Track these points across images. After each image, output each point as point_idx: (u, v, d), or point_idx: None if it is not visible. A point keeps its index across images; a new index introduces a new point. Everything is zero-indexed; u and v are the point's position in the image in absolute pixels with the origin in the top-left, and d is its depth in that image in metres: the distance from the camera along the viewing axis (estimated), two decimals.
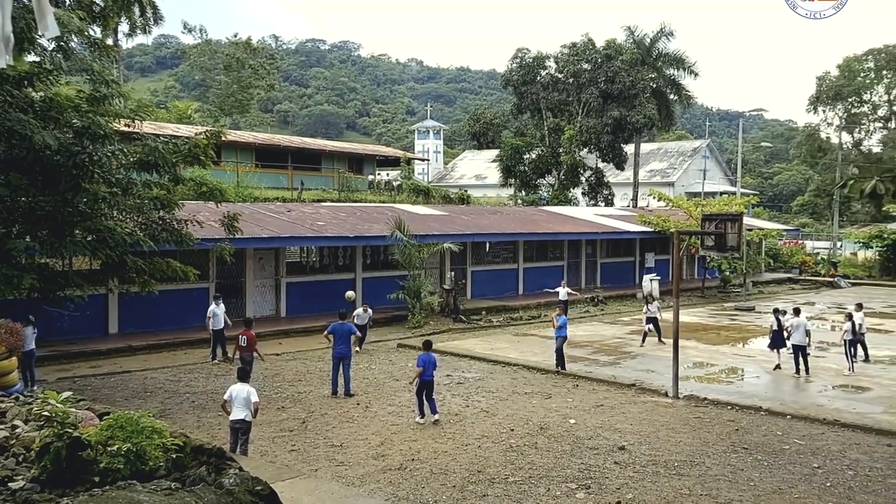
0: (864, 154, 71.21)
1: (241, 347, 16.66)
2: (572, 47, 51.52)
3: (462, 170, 78.22)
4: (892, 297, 36.88)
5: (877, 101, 73.53)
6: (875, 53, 71.95)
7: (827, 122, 74.02)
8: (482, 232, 30.62)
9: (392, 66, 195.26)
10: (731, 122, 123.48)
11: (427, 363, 14.22)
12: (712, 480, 11.18)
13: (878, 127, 74.92)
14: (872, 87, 72.92)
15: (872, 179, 10.21)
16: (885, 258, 45.92)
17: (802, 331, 18.19)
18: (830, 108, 72.23)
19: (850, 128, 71.76)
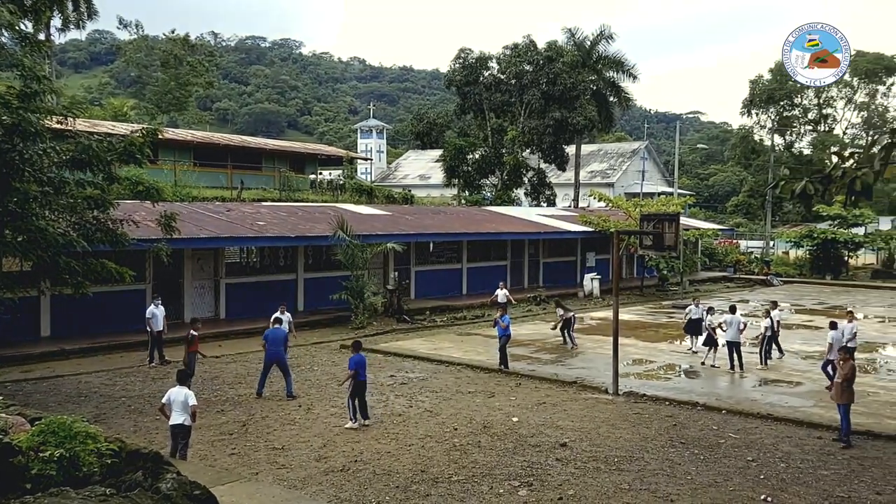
0: (795, 156, 73.64)
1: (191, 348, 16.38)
2: (514, 49, 51.92)
3: (405, 169, 78.13)
4: (822, 295, 38.21)
5: (807, 105, 76.17)
6: None
7: (760, 125, 76.42)
8: (426, 232, 30.63)
9: (334, 65, 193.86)
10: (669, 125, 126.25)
11: (360, 364, 14.00)
12: (651, 475, 11.40)
13: (809, 130, 77.62)
14: (803, 91, 75.42)
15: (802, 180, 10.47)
16: (815, 257, 47.52)
17: (736, 328, 18.72)
18: (763, 112, 74.54)
19: (782, 130, 74.10)
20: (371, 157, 76.81)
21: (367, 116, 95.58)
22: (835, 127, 77.52)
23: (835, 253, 46.86)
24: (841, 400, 13.14)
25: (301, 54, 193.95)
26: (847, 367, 13.22)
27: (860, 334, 23.18)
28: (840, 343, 16.67)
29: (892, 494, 10.74)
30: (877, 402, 15.79)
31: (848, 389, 13.14)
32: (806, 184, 9.45)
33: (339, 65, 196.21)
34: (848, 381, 13.13)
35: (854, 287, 42.62)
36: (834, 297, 36.63)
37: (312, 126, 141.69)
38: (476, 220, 35.87)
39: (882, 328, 27.18)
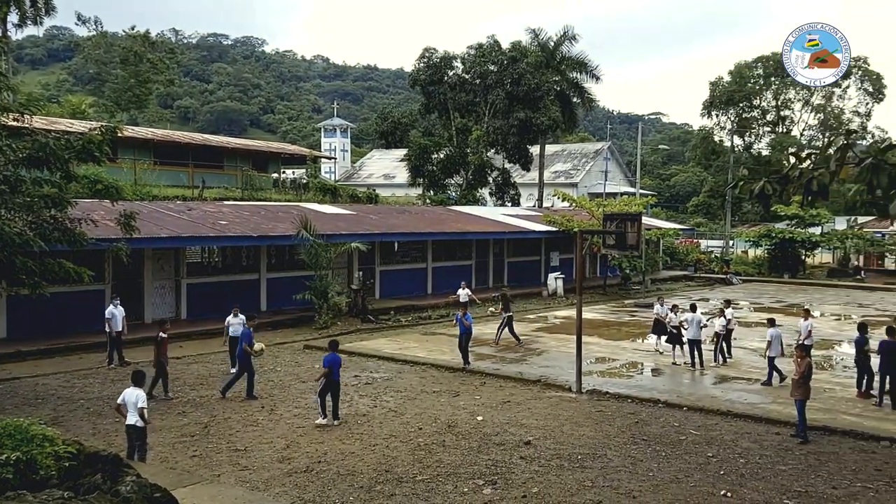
0: (754, 157, 74.97)
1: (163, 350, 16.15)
2: (479, 48, 52.05)
3: (370, 169, 77.87)
4: (780, 293, 38.95)
5: (765, 107, 77.60)
6: (764, 61, 75.88)
7: (720, 126, 77.63)
8: (391, 231, 30.56)
9: (297, 63, 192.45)
10: (631, 125, 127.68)
11: (334, 363, 14.06)
12: (614, 472, 11.52)
13: (767, 131, 79.06)
14: (762, 92, 76.89)
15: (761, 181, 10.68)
16: (773, 256, 48.43)
17: (697, 326, 19.00)
18: (723, 113, 75.73)
19: (741, 131, 75.38)
20: (335, 156, 76.42)
21: (330, 115, 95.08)
22: (792, 128, 79.06)
23: (792, 252, 47.81)
24: (797, 395, 13.42)
25: (264, 52, 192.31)
26: (804, 364, 13.50)
27: (817, 332, 23.71)
28: (778, 340, 17.33)
29: (847, 488, 10.99)
30: (833, 399, 16.13)
31: (804, 386, 13.42)
32: (764, 184, 9.60)
33: (303, 63, 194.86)
34: (805, 377, 13.42)
35: (811, 285, 43.51)
36: (791, 296, 37.36)
37: (275, 125, 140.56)
38: (441, 219, 35.90)
39: (838, 326, 27.78)
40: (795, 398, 13.50)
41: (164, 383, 16.12)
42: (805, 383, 13.42)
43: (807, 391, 13.47)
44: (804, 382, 13.40)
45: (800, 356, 13.73)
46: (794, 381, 13.56)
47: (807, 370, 13.46)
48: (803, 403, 13.41)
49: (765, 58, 75.95)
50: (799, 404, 13.41)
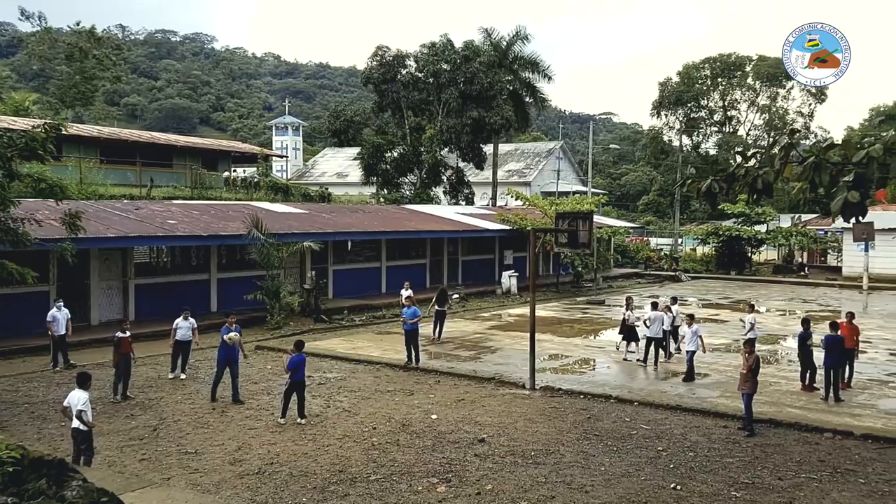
0: (702, 156, 76.46)
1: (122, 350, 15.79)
2: (431, 47, 52.03)
3: (323, 167, 77.29)
4: (727, 289, 39.80)
5: (713, 107, 79.19)
6: (711, 62, 77.45)
7: (669, 126, 79.00)
8: (344, 230, 30.37)
9: (248, 60, 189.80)
10: (583, 125, 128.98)
11: (297, 364, 14.01)
12: (566, 467, 11.64)
13: (714, 131, 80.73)
14: (709, 93, 78.43)
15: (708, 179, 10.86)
16: (721, 253, 49.48)
17: (659, 324, 19.21)
18: (672, 113, 77.08)
19: (689, 131, 76.81)
20: (287, 154, 75.68)
21: (282, 113, 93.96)
22: (739, 128, 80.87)
23: (739, 249, 48.90)
24: (745, 389, 13.72)
25: (213, 49, 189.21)
26: (752, 358, 13.80)
27: (763, 327, 24.28)
28: (695, 336, 17.60)
29: (792, 479, 11.28)
30: (778, 392, 16.54)
31: (752, 380, 13.73)
32: (711, 182, 9.80)
33: (253, 60, 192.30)
34: (752, 371, 13.72)
35: (757, 282, 44.58)
36: (738, 292, 38.20)
37: (226, 122, 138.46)
38: (395, 218, 35.82)
39: (783, 321, 28.49)
40: (743, 392, 13.80)
41: (125, 384, 15.80)
42: (753, 377, 13.72)
43: (754, 385, 13.79)
44: (752, 377, 13.71)
45: (747, 351, 14.04)
46: (742, 376, 13.86)
47: (754, 364, 13.77)
48: (750, 397, 13.72)
49: (712, 59, 77.51)
50: (746, 398, 13.72)
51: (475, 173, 58.54)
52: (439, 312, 23.17)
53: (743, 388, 13.79)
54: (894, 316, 29.81)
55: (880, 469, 11.76)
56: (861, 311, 29.94)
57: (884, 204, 36.39)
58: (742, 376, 13.87)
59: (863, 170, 8.52)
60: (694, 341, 17.56)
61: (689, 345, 17.61)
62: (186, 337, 17.79)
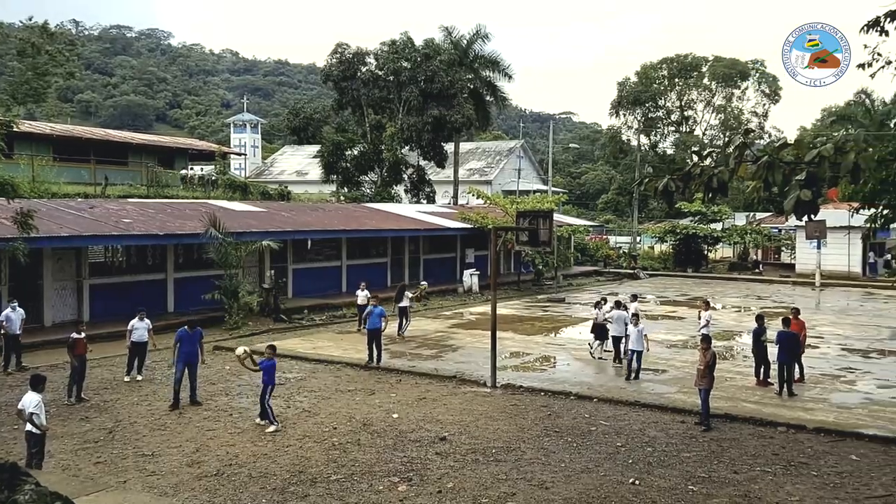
0: (659, 155, 77.48)
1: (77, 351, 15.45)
2: (392, 45, 51.89)
3: (282, 165, 76.61)
4: (684, 287, 40.40)
5: (670, 107, 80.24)
6: (668, 62, 78.49)
7: (627, 126, 79.79)
8: (303, 229, 30.13)
9: (205, 57, 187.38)
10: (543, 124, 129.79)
11: (271, 367, 13.97)
12: (527, 464, 11.70)
13: (672, 130, 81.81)
14: (666, 93, 79.46)
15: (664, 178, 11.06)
16: (678, 251, 50.22)
17: (622, 323, 19.35)
18: (630, 113, 77.85)
19: (647, 131, 77.75)
20: (245, 152, 74.88)
21: (240, 110, 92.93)
22: (695, 128, 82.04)
23: (695, 247, 49.69)
24: (702, 385, 13.92)
25: (170, 45, 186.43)
26: (709, 354, 14.00)
27: (719, 324, 24.69)
28: (640, 336, 17.50)
29: (748, 473, 11.48)
30: (734, 387, 16.82)
31: (708, 375, 13.94)
32: (667, 181, 9.89)
33: (211, 57, 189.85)
34: (709, 367, 13.93)
35: (713, 279, 45.32)
36: (695, 289, 38.78)
37: (183, 120, 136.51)
38: (355, 216, 35.65)
39: (738, 317, 29.01)
40: (700, 387, 14.01)
41: (80, 386, 15.48)
42: (710, 373, 13.94)
43: (711, 381, 14.00)
44: (709, 372, 13.91)
45: (703, 347, 14.24)
46: (699, 372, 14.06)
47: (711, 360, 13.97)
48: (707, 393, 13.94)
49: (669, 59, 78.55)
50: (703, 393, 13.93)
51: (436, 172, 58.56)
52: (401, 309, 23.44)
53: (700, 384, 14.00)
54: (846, 312, 30.55)
55: (832, 462, 12.04)
56: (814, 308, 30.66)
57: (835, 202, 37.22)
58: (699, 372, 14.08)
59: (815, 169, 8.67)
60: (639, 341, 17.52)
61: (635, 344, 17.53)
62: (142, 338, 17.48)
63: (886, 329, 25.83)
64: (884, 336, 24.47)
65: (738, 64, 77.17)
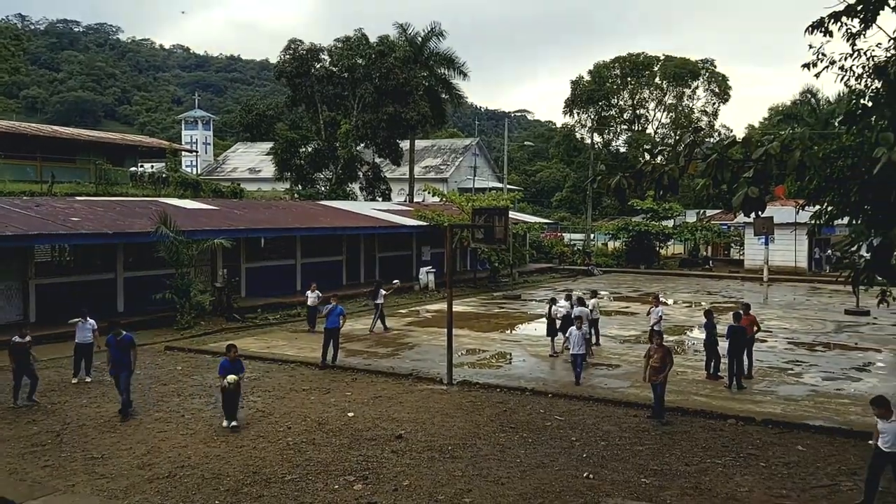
0: (612, 153, 78.39)
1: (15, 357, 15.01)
2: (346, 41, 51.59)
3: (234, 162, 75.62)
4: (637, 283, 40.99)
5: (623, 105, 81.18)
6: (621, 61, 79.42)
7: (581, 124, 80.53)
8: (257, 227, 29.79)
9: (155, 52, 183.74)
10: (498, 122, 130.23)
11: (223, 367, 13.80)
12: (483, 460, 11.74)
13: (624, 129, 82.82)
14: (619, 92, 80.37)
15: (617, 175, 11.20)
16: (631, 248, 50.95)
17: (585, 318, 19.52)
18: (584, 111, 78.56)
19: (600, 129, 78.58)
20: (197, 149, 73.69)
21: (192, 107, 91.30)
22: (647, 126, 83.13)
23: (648, 244, 50.46)
24: (655, 380, 14.07)
25: (119, 40, 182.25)
26: (662, 350, 14.15)
27: (670, 319, 25.10)
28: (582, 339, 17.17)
29: (699, 465, 11.70)
30: (685, 381, 17.12)
31: (664, 370, 14.01)
32: (620, 179, 10.02)
33: (161, 52, 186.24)
34: (665, 362, 14.02)
35: (665, 275, 46.07)
36: (647, 285, 39.38)
37: (132, 116, 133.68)
38: (310, 214, 35.37)
39: (689, 312, 29.53)
40: (653, 382, 14.14)
41: (32, 387, 15.08)
42: (665, 369, 14.01)
43: (665, 376, 14.09)
44: (663, 368, 14.00)
45: (656, 343, 14.40)
46: (655, 368, 14.09)
47: (666, 356, 14.10)
48: (662, 387, 14.07)
49: (622, 58, 79.48)
50: (659, 388, 14.03)
51: (392, 169, 58.43)
52: (376, 306, 23.89)
53: (654, 379, 14.13)
54: (792, 306, 31.32)
55: (780, 453, 12.33)
56: (761, 303, 31.36)
57: (782, 199, 38.14)
58: (655, 369, 14.06)
59: (762, 166, 8.86)
60: (581, 343, 17.03)
61: (578, 347, 16.91)
62: (87, 339, 17.07)
63: (831, 323, 26.55)
64: (829, 329, 25.16)
65: (689, 63, 78.41)
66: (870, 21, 10.15)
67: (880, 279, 10.38)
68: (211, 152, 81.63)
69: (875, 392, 15.48)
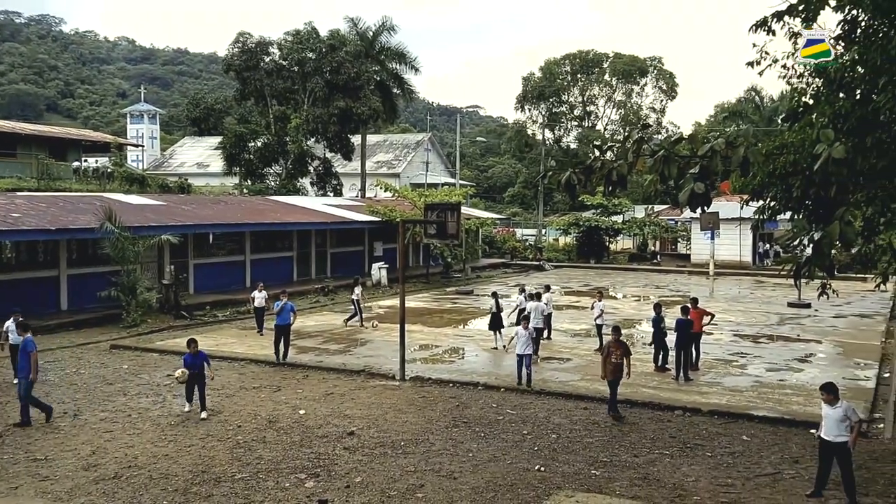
0: (563, 149, 79.19)
1: None
2: (296, 35, 51.05)
3: (182, 157, 74.24)
4: (587, 277, 41.48)
5: (573, 102, 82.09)
6: (571, 59, 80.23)
7: (532, 120, 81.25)
8: (205, 223, 29.30)
9: (99, 45, 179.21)
10: (450, 118, 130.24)
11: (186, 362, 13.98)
12: (436, 455, 11.76)
13: (575, 125, 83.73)
14: (569, 89, 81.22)
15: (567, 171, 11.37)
16: (581, 243, 51.53)
17: (539, 314, 19.63)
18: (535, 107, 79.30)
19: (551, 125, 79.30)
20: (143, 143, 72.20)
21: (137, 100, 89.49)
22: (597, 123, 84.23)
23: (598, 239, 51.11)
24: (611, 377, 13.98)
25: (62, 32, 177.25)
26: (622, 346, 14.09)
27: (620, 313, 25.45)
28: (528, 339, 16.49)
29: (647, 455, 11.90)
30: (634, 373, 17.23)
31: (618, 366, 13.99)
32: (570, 174, 10.09)
33: (106, 44, 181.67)
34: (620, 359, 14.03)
35: (614, 269, 46.72)
36: (598, 280, 39.87)
37: (76, 110, 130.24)
38: (259, 209, 34.93)
39: (637, 306, 30.00)
40: (608, 379, 14.10)
41: None
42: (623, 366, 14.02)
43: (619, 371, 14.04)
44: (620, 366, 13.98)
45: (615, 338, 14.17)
46: (615, 364, 13.92)
47: (623, 351, 14.10)
48: (617, 383, 14.09)
49: (572, 55, 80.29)
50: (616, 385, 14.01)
51: (343, 164, 58.03)
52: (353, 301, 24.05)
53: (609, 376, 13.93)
54: (737, 299, 32.04)
55: (725, 442, 12.62)
56: (708, 296, 32.02)
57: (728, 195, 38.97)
58: (615, 365, 13.88)
59: (707, 163, 9.01)
60: (528, 344, 16.45)
61: (524, 348, 16.23)
62: (19, 340, 16.51)
63: (775, 315, 27.24)
64: (772, 322, 25.81)
65: (637, 61, 79.63)
66: (811, 20, 10.39)
67: (821, 273, 10.65)
68: (157, 147, 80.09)
69: (816, 382, 15.95)
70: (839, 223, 8.84)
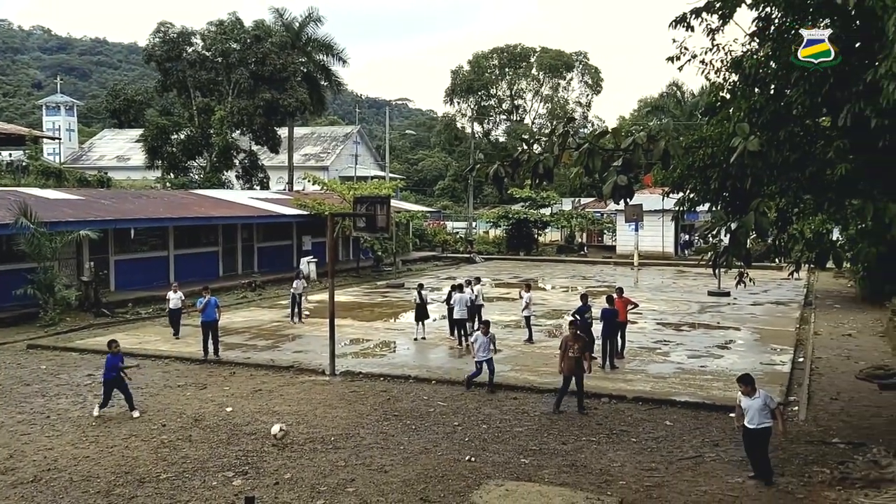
0: (492, 143, 79.73)
1: None
2: (220, 25, 49.93)
3: (101, 150, 71.79)
4: (517, 269, 41.95)
5: (501, 96, 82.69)
6: (499, 52, 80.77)
7: (462, 113, 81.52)
8: (126, 217, 28.44)
9: (13, 33, 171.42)
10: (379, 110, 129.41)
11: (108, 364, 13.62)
12: (366, 449, 11.73)
13: (503, 119, 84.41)
14: (498, 82, 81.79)
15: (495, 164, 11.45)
16: (511, 235, 52.06)
17: (463, 305, 19.72)
18: (464, 101, 79.54)
19: (480, 119, 79.75)
20: (59, 136, 69.37)
21: (53, 91, 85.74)
22: (525, 116, 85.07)
23: (527, 231, 51.73)
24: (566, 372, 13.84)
25: None
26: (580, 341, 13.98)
27: (548, 303, 25.83)
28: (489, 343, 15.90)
29: (574, 443, 12.13)
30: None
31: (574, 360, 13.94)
32: (498, 167, 10.20)
33: (20, 33, 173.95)
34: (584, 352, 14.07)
35: (543, 261, 47.36)
36: (527, 272, 40.36)
37: None
38: (183, 203, 34.08)
39: (566, 297, 30.49)
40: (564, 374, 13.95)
41: None
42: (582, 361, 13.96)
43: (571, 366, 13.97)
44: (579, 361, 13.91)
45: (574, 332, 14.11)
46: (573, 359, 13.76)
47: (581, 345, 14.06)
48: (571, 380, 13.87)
49: (500, 49, 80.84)
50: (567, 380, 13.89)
51: (270, 157, 57.13)
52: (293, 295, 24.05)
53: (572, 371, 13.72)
54: (660, 289, 32.91)
55: (649, 428, 12.97)
56: (632, 286, 32.78)
57: (650, 187, 39.97)
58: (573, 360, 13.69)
59: (630, 156, 9.25)
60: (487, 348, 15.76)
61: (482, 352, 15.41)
62: None
63: (696, 304, 28.10)
64: (693, 310, 26.62)
65: (564, 55, 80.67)
66: (728, 17, 10.75)
67: (738, 262, 11.05)
68: (75, 139, 77.10)
69: (735, 367, 16.58)
70: (754, 214, 9.20)
